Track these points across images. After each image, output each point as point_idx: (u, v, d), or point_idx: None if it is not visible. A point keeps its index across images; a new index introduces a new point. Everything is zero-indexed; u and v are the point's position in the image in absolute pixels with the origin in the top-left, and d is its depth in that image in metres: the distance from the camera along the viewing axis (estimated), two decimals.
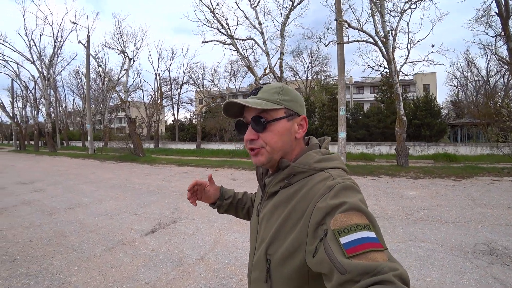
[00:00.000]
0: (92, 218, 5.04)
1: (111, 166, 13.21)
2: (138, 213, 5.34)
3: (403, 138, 11.60)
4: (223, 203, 1.08)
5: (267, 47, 13.71)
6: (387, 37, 11.48)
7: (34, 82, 25.31)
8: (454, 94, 36.64)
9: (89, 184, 8.40)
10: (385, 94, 25.72)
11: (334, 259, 0.52)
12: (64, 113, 37.95)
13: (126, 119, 15.92)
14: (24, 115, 29.83)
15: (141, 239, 4.04)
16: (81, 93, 37.18)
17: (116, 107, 36.34)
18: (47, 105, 23.25)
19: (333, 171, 0.70)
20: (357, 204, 0.58)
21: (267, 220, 0.76)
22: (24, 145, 28.11)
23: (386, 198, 6.09)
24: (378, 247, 0.52)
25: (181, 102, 33.54)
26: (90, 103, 20.52)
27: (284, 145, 0.73)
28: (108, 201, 6.29)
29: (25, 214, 5.31)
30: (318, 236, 0.59)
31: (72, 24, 20.05)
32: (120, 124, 55.32)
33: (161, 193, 7.05)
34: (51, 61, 22.47)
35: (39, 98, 27.50)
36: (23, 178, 9.64)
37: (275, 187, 0.76)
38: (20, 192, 7.37)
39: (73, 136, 38.04)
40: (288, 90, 0.76)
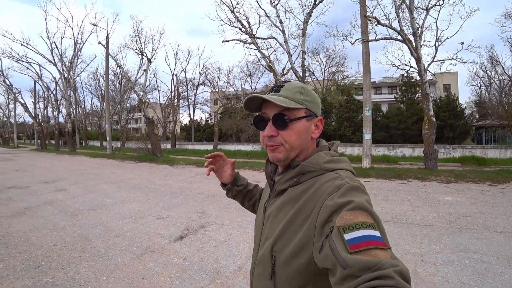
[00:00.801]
0: (116, 221, 4.79)
1: (130, 166, 13.14)
2: (163, 217, 5.06)
3: (432, 140, 11.02)
4: (233, 188, 1.10)
5: (289, 46, 13.30)
6: (416, 34, 10.92)
7: (55, 83, 25.89)
8: (477, 94, 35.10)
9: (110, 184, 8.25)
10: (404, 94, 25.03)
11: (337, 254, 0.53)
12: (83, 113, 38.76)
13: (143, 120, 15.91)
14: (45, 115, 30.59)
15: (171, 246, 3.73)
16: (99, 94, 37.93)
17: (132, 107, 36.80)
18: (67, 106, 23.67)
19: (342, 172, 0.71)
20: (364, 204, 0.59)
21: (274, 217, 0.76)
22: (45, 144, 28.78)
23: (422, 203, 5.71)
24: (382, 245, 0.52)
25: (197, 103, 33.53)
26: (108, 104, 20.69)
27: (301, 144, 0.75)
28: (131, 202, 6.06)
29: (48, 214, 5.13)
30: (324, 233, 0.59)
31: (91, 26, 20.32)
32: (136, 125, 56.14)
33: (184, 195, 6.77)
34: (72, 62, 22.90)
35: (60, 99, 28.12)
36: (45, 177, 9.62)
37: (284, 185, 0.76)
38: (42, 191, 7.27)
39: (91, 136, 38.81)
40: (309, 91, 0.76)
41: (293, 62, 13.39)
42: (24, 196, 6.73)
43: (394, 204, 5.62)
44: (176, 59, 39.74)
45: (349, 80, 33.40)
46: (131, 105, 35.59)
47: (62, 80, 22.96)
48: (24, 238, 3.96)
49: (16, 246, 3.68)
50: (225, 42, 13.79)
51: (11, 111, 41.41)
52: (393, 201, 5.87)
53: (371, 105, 12.42)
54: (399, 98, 25.81)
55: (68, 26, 23.34)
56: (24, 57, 23.30)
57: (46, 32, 22.29)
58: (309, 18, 13.16)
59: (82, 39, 22.43)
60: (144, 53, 16.73)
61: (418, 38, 10.95)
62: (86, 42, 22.38)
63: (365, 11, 11.64)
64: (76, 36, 22.27)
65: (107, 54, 18.42)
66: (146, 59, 16.71)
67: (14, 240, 3.88)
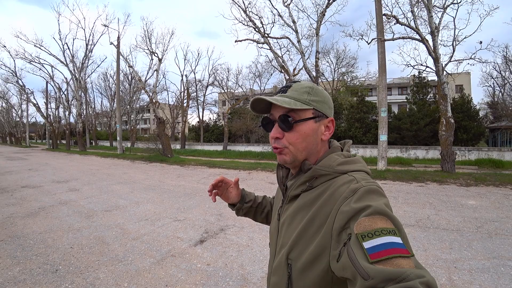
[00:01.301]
0: (132, 223, 4.63)
1: (142, 166, 13.06)
2: (180, 219, 4.89)
3: (450, 142, 10.79)
4: (243, 206, 1.06)
5: (302, 46, 13.07)
6: (434, 33, 10.67)
7: (67, 83, 26.18)
8: (490, 95, 34.20)
9: (123, 185, 8.14)
10: (416, 95, 24.69)
11: (357, 264, 0.50)
12: (93, 114, 39.16)
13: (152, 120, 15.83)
14: (57, 115, 30.97)
15: (192, 250, 3.55)
16: (109, 95, 38.27)
17: (141, 108, 37.00)
18: (78, 106, 23.87)
19: (357, 174, 0.67)
20: (382, 208, 0.55)
21: (288, 224, 0.73)
22: (56, 144, 29.12)
23: (445, 207, 5.49)
24: (404, 253, 0.49)
25: (206, 104, 33.55)
26: (119, 104, 20.75)
27: (308, 146, 0.72)
28: (145, 204, 5.91)
29: (63, 215, 5.01)
30: (342, 241, 0.57)
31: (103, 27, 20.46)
32: (145, 125, 56.56)
33: (199, 196, 6.60)
34: (83, 63, 23.08)
35: (71, 99, 28.41)
36: (58, 177, 9.59)
37: (297, 190, 0.73)
38: (56, 191, 7.19)
39: (101, 136, 39.21)
40: (318, 91, 0.73)
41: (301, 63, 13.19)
42: (37, 195, 6.65)
43: (416, 208, 5.44)
44: (185, 60, 39.79)
45: (358, 81, 32.94)
46: (139, 106, 35.81)
47: (73, 80, 23.18)
48: (39, 240, 3.83)
49: (32, 248, 3.55)
50: (238, 42, 13.65)
51: (24, 111, 42.17)
52: (414, 205, 5.69)
53: (387, 106, 12.12)
54: (411, 99, 25.56)
55: (80, 27, 23.52)
56: (37, 58, 23.63)
57: (59, 33, 22.60)
58: (323, 18, 12.94)
59: (93, 40, 22.64)
60: (155, 54, 16.71)
61: (436, 37, 10.70)
62: (97, 43, 22.51)
63: (381, 9, 11.40)
64: (88, 37, 22.51)
65: (118, 54, 18.47)
66: (157, 59, 16.69)
67: (29, 242, 3.75)
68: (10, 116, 46.89)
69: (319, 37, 13.03)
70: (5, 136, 56.46)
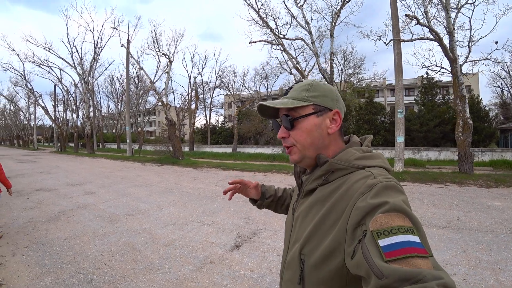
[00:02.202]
0: (160, 228, 4.40)
1: (154, 168, 12.87)
2: (207, 223, 4.66)
3: (468, 143, 10.65)
4: (264, 202, 1.08)
5: (316, 47, 12.84)
6: (452, 34, 10.53)
7: (75, 86, 26.18)
8: (498, 96, 33.63)
9: (139, 188, 7.93)
10: (425, 96, 24.51)
11: (371, 262, 0.48)
12: (100, 116, 39.21)
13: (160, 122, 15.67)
14: (65, 118, 30.99)
15: (230, 256, 3.31)
16: (116, 98, 38.35)
17: (147, 111, 36.95)
18: (86, 108, 23.83)
19: (375, 169, 0.65)
20: (400, 205, 0.53)
21: (303, 218, 0.72)
22: (64, 147, 29.09)
23: (472, 208, 5.37)
24: (422, 253, 0.47)
25: (213, 106, 33.42)
26: (129, 106, 20.64)
27: (314, 141, 0.71)
28: (167, 207, 5.69)
29: (84, 220, 4.79)
30: (356, 237, 0.55)
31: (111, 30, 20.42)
32: (151, 127, 56.53)
33: (221, 199, 6.37)
34: (91, 66, 23.05)
35: (79, 102, 28.43)
36: (71, 180, 9.41)
37: (312, 185, 0.72)
38: (72, 194, 7.00)
39: (107, 138, 39.20)
40: (317, 86, 0.72)
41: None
42: (54, 199, 6.46)
43: (442, 209, 5.31)
44: (193, 62, 39.76)
45: (365, 82, 32.64)
46: (145, 109, 35.71)
47: (81, 83, 23.15)
48: (66, 246, 3.61)
49: (60, 256, 3.33)
50: (252, 43, 13.49)
51: (31, 114, 42.38)
52: (440, 206, 5.56)
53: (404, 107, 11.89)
54: (419, 100, 25.48)
55: (89, 30, 23.51)
56: (46, 61, 23.66)
57: (67, 37, 22.82)
58: (337, 19, 12.73)
59: (101, 43, 22.61)
60: (166, 55, 16.57)
61: (454, 37, 10.59)
62: (105, 46, 22.50)
63: (397, 10, 11.29)
64: (96, 40, 22.47)
65: (128, 56, 18.38)
66: (167, 61, 16.54)
67: (56, 249, 3.53)
68: (18, 119, 47.18)
69: (333, 38, 12.80)
70: (13, 139, 56.86)
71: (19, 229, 4.31)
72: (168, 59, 16.45)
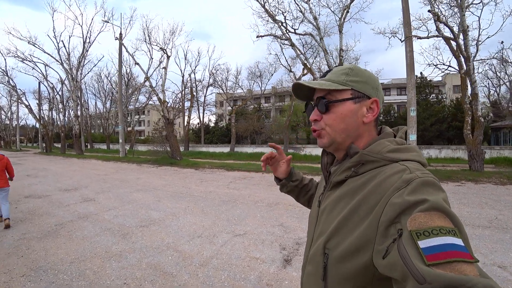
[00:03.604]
0: (185, 242, 3.65)
1: (152, 170, 11.97)
2: (239, 233, 3.96)
3: (479, 140, 10.67)
4: (288, 184, 1.03)
5: (324, 43, 12.24)
6: (466, 32, 10.51)
7: (62, 83, 24.65)
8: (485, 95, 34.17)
9: (144, 192, 7.09)
10: (419, 95, 24.94)
11: (410, 264, 0.44)
12: (88, 115, 37.53)
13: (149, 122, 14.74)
14: (50, 117, 29.28)
15: (286, 275, 2.68)
16: (103, 96, 36.76)
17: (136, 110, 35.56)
18: (75, 107, 22.45)
19: (410, 163, 0.59)
20: (441, 204, 0.49)
21: (329, 212, 0.68)
22: (50, 147, 27.49)
23: (504, 207, 5.22)
24: (467, 257, 0.42)
25: (207, 104, 32.48)
26: (121, 103, 19.46)
27: (347, 127, 0.67)
28: (184, 215, 4.92)
29: (90, 234, 3.98)
30: (390, 236, 0.51)
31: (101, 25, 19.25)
32: (140, 127, 54.82)
33: (241, 204, 5.66)
34: (79, 62, 21.70)
35: (66, 100, 26.93)
36: (63, 184, 8.45)
37: (341, 176, 0.68)
38: (68, 201, 6.11)
39: (95, 138, 37.53)
40: (358, 71, 0.69)
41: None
42: (48, 208, 5.57)
43: (475, 208, 5.16)
44: (186, 60, 38.56)
45: None
46: (135, 107, 34.37)
47: (69, 80, 21.77)
48: (76, 273, 2.81)
49: (71, 287, 2.54)
50: (260, 37, 12.81)
51: (14, 113, 40.19)
52: (471, 205, 5.41)
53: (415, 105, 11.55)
54: None
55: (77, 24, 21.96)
56: (30, 56, 22.15)
57: (53, 31, 21.26)
58: (346, 15, 12.20)
59: (90, 38, 21.30)
60: (164, 50, 15.60)
61: (467, 36, 10.59)
62: (94, 42, 21.25)
63: (408, 7, 11.17)
64: (85, 35, 21.11)
65: (120, 50, 17.26)
66: (165, 56, 15.57)
67: (63, 277, 2.73)
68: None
69: (342, 34, 12.25)
70: None
71: (10, 250, 3.46)
72: (165, 53, 15.50)
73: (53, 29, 21.27)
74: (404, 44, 11.14)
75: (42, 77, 24.80)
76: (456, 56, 11.39)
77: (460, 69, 11.70)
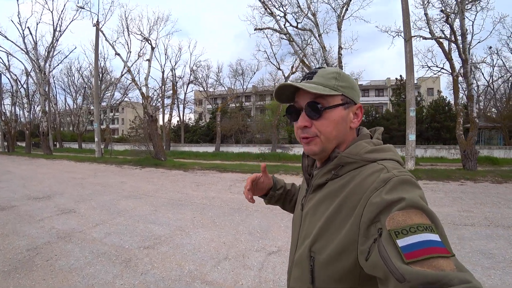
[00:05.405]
0: (213, 268, 2.80)
1: (136, 172, 10.77)
2: (272, 250, 3.24)
3: (474, 141, 10.96)
4: (275, 194, 0.99)
5: (323, 40, 11.72)
6: (465, 35, 10.68)
7: (27, 75, 22.16)
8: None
9: (134, 200, 6.06)
10: (399, 97, 25.91)
11: (390, 263, 0.45)
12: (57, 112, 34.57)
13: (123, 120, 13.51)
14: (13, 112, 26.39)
15: None
16: (74, 92, 34.03)
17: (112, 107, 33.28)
18: (42, 102, 20.22)
19: (387, 162, 0.62)
20: (418, 201, 0.50)
21: (312, 214, 0.69)
22: (13, 146, 24.77)
23: None
24: (444, 252, 0.44)
25: (187, 102, 31.05)
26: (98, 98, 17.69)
27: (338, 134, 0.67)
28: (195, 229, 4.04)
29: (79, 264, 2.99)
30: (371, 236, 0.52)
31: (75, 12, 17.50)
32: (113, 125, 51.75)
33: (256, 212, 4.88)
34: (49, 52, 19.59)
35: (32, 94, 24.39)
36: (32, 190, 7.14)
37: (322, 179, 0.69)
38: (40, 214, 4.97)
39: (65, 137, 34.68)
40: (345, 76, 0.69)
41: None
42: (15, 224, 4.41)
43: (493, 207, 5.11)
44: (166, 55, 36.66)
45: None
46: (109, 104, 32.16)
47: (35, 72, 19.59)
48: None
49: None
50: (258, 30, 12.03)
51: None
52: (487, 204, 5.35)
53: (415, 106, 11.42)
54: (395, 100, 27.14)
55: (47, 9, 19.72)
56: None
57: (18, 16, 18.96)
58: (345, 13, 11.79)
59: (61, 26, 19.25)
60: (149, 40, 14.28)
61: (466, 39, 10.76)
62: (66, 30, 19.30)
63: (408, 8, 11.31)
64: (56, 23, 19.03)
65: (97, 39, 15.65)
66: (150, 47, 14.29)
67: None
68: None
69: (341, 32, 11.80)
70: None
71: None
72: (150, 44, 14.21)
73: (18, 14, 18.90)
74: (404, 45, 11.18)
75: (4, 68, 22.20)
76: (449, 59, 11.73)
77: (453, 71, 11.92)
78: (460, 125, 11.14)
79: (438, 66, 14.19)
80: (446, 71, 13.34)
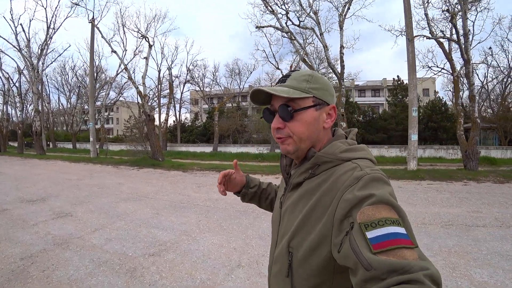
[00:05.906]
0: (226, 277, 2.59)
1: (133, 173, 10.47)
2: None
3: (475, 141, 10.92)
4: (248, 192, 1.01)
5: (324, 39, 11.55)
6: (467, 35, 10.63)
7: (19, 73, 21.59)
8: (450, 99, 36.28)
9: (134, 202, 5.80)
10: (396, 97, 25.84)
11: (359, 254, 0.48)
12: (50, 111, 33.88)
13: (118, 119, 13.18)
14: (5, 111, 25.70)
15: None
16: (67, 91, 33.36)
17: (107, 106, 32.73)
18: (35, 100, 19.72)
19: (361, 161, 0.65)
20: (386, 197, 0.53)
21: (290, 212, 0.71)
22: (4, 146, 24.15)
23: None
24: (408, 244, 0.48)
25: (183, 102, 30.67)
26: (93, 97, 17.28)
27: (311, 134, 0.69)
28: (203, 234, 3.81)
29: (80, 274, 2.74)
30: (343, 229, 0.55)
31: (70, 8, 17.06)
32: (107, 125, 51.07)
33: (263, 214, 4.68)
34: (42, 50, 19.10)
35: (25, 93, 23.78)
36: (25, 192, 6.83)
37: (299, 178, 0.71)
38: (35, 218, 4.69)
39: (58, 136, 34.01)
40: (317, 78, 0.70)
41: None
42: (7, 230, 4.12)
43: (501, 208, 5.08)
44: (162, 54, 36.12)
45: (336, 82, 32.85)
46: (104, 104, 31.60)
47: (28, 70, 19.09)
48: None
49: None
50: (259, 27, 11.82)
51: None
52: (494, 205, 5.32)
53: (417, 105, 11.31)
54: (392, 101, 27.22)
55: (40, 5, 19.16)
56: None
57: (10, 12, 18.45)
58: (347, 11, 11.64)
59: (55, 23, 18.77)
60: (147, 38, 13.94)
61: (468, 39, 10.69)
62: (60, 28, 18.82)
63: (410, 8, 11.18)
64: (50, 19, 18.54)
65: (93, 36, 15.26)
66: (147, 45, 13.92)
67: None
68: None
69: (343, 31, 11.64)
70: None
71: None
72: (147, 41, 13.86)
73: (10, 10, 18.39)
74: (406, 44, 11.05)
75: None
76: (449, 59, 11.65)
77: (453, 71, 11.89)
78: (460, 125, 11.08)
79: (439, 66, 14.19)
80: (447, 71, 13.33)
